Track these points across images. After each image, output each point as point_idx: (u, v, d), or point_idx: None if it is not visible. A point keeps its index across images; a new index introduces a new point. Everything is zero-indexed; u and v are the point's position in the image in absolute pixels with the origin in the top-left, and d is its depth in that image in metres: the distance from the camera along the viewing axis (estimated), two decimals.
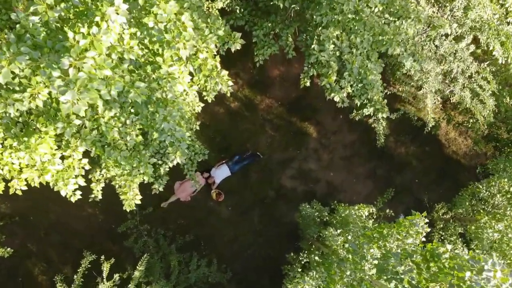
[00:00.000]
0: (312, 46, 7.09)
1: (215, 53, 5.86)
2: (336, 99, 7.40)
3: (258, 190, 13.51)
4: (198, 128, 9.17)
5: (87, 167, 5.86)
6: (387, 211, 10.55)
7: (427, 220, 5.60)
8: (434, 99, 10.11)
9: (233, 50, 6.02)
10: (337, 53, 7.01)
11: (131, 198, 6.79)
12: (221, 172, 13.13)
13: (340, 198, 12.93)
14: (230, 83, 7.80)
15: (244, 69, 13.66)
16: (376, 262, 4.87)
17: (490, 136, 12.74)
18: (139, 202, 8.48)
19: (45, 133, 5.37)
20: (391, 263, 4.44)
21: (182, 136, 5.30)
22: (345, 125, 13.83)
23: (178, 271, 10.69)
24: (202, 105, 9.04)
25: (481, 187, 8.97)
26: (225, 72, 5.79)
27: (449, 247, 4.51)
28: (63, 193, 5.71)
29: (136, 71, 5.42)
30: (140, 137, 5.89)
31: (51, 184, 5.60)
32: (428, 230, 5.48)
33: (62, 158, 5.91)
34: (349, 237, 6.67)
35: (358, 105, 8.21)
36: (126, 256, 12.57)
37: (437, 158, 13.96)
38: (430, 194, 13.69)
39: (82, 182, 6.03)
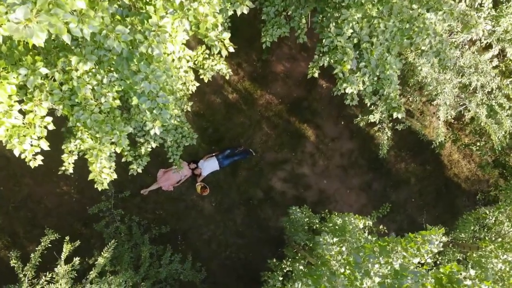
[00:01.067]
0: (329, 28, 6.21)
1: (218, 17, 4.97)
2: (348, 90, 6.50)
3: (245, 188, 12.60)
4: (189, 109, 8.27)
5: (51, 127, 4.91)
6: (381, 227, 9.68)
7: (445, 239, 4.73)
8: (447, 112, 9.28)
9: (239, 12, 5.13)
10: (355, 40, 6.15)
11: (99, 172, 5.86)
12: (209, 165, 12.21)
13: (330, 208, 12.04)
14: (227, 69, 6.96)
15: (248, 60, 12.78)
16: (379, 280, 4.00)
17: (497, 161, 11.95)
18: (111, 179, 7.53)
19: (3, 78, 4.43)
20: (404, 285, 3.56)
21: (165, 102, 4.38)
22: (345, 133, 12.98)
23: (148, 264, 9.72)
24: (197, 84, 8.14)
25: (488, 212, 8.15)
26: (227, 35, 4.90)
27: (472, 272, 3.65)
28: (16, 153, 4.77)
29: (122, 22, 4.51)
30: (117, 101, 4.97)
31: (3, 141, 4.65)
32: (441, 249, 4.63)
33: (24, 114, 4.97)
34: (343, 248, 5.80)
35: (368, 105, 7.33)
36: (96, 241, 11.59)
37: (437, 179, 13.14)
38: (425, 215, 12.86)
39: (45, 145, 5.07)
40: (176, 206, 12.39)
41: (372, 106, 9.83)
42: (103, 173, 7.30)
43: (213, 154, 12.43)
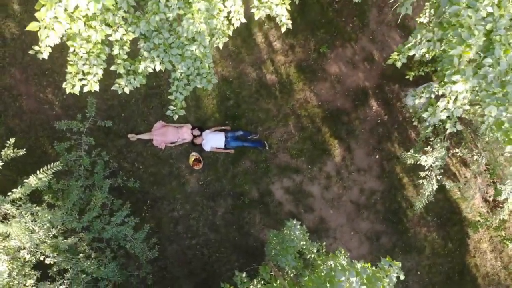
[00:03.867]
0: None
1: None
2: (458, 88, 4.27)
3: (241, 181, 10.44)
4: (221, 46, 6.17)
5: None
6: None
7: None
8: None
9: None
10: (487, 26, 4.07)
11: (74, 73, 3.87)
12: (214, 139, 10.11)
13: (326, 243, 9.80)
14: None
15: (304, 46, 10.72)
16: None
17: None
18: (91, 89, 5.52)
19: None
20: None
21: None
22: (375, 168, 10.79)
23: (97, 214, 7.60)
24: (244, 21, 6.06)
25: None
26: None
27: None
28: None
29: None
30: None
31: None
32: None
33: None
34: None
35: (446, 132, 5.17)
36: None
37: (454, 262, 10.86)
38: None
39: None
40: (159, 167, 10.28)
41: (434, 144, 7.70)
42: (79, 76, 5.29)
43: (223, 128, 10.33)
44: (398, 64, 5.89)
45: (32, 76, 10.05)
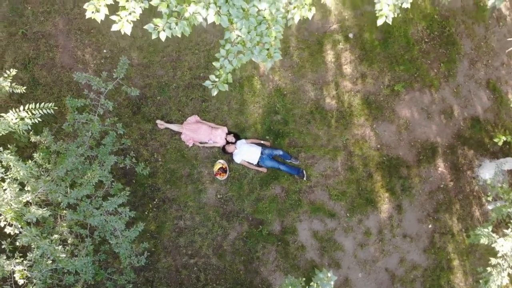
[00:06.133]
0: None
1: None
2: None
3: (265, 208, 8.72)
4: (294, 28, 4.64)
5: None
6: None
7: None
8: None
9: None
10: None
11: None
12: (248, 151, 8.53)
13: None
14: None
15: (377, 78, 9.14)
16: None
17: None
18: (129, 23, 4.13)
19: None
20: None
21: None
22: (424, 239, 8.83)
23: (88, 193, 6.06)
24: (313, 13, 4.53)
25: None
26: None
27: None
28: None
29: None
30: None
31: None
32: None
33: None
34: None
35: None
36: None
37: None
38: None
39: None
40: (179, 165, 8.74)
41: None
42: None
43: (262, 142, 8.75)
44: None
45: (75, 30, 8.89)
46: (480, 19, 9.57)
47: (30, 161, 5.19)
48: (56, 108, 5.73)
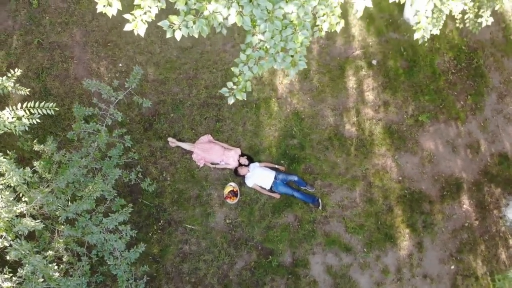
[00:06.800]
0: None
1: None
2: None
3: (276, 237, 8.13)
4: (322, 36, 4.23)
5: None
6: None
7: None
8: None
9: None
10: None
11: None
12: (261, 175, 8.04)
13: None
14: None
15: (400, 108, 8.69)
16: None
17: None
18: (145, 23, 3.79)
19: None
20: None
21: None
22: (447, 282, 8.10)
23: (88, 208, 5.59)
24: (342, 26, 4.16)
25: None
26: None
27: None
28: None
29: None
30: None
31: None
32: None
33: None
34: None
35: None
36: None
37: None
38: None
39: None
40: (188, 186, 8.26)
41: None
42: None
43: (276, 167, 8.26)
44: None
45: (92, 42, 8.68)
46: (510, 52, 9.14)
47: (27, 168, 4.77)
48: (62, 115, 5.35)
